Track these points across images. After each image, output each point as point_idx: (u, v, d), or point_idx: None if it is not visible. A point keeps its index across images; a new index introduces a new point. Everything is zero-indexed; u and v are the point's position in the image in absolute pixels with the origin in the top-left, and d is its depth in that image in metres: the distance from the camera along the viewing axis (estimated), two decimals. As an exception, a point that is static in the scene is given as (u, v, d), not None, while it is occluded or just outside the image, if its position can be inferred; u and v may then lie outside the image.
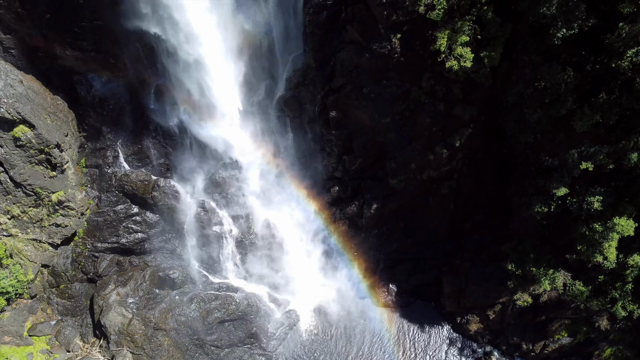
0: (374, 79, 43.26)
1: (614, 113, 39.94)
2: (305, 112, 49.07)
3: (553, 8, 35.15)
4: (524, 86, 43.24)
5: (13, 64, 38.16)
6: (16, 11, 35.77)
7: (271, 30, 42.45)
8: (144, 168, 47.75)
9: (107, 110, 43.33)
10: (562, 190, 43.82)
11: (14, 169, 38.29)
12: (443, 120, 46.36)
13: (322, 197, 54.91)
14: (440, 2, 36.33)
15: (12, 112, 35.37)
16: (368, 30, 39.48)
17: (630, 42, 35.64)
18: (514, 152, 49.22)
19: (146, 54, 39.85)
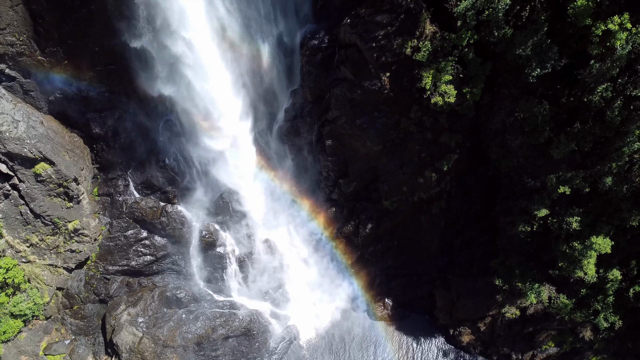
0: (366, 112, 46.54)
1: (588, 141, 43.29)
2: (303, 140, 52.31)
3: (528, 50, 38.57)
4: (505, 115, 46.63)
5: (32, 104, 41.42)
6: (37, 58, 39.12)
7: (272, 68, 45.72)
8: (153, 195, 50.88)
9: (119, 143, 46.56)
10: (542, 212, 47.16)
11: (34, 201, 41.44)
12: (431, 147, 49.65)
13: (326, 213, 57.86)
14: (425, 45, 39.77)
15: (34, 151, 38.58)
16: (360, 69, 42.84)
17: (600, 78, 39.01)
18: (499, 174, 52.52)
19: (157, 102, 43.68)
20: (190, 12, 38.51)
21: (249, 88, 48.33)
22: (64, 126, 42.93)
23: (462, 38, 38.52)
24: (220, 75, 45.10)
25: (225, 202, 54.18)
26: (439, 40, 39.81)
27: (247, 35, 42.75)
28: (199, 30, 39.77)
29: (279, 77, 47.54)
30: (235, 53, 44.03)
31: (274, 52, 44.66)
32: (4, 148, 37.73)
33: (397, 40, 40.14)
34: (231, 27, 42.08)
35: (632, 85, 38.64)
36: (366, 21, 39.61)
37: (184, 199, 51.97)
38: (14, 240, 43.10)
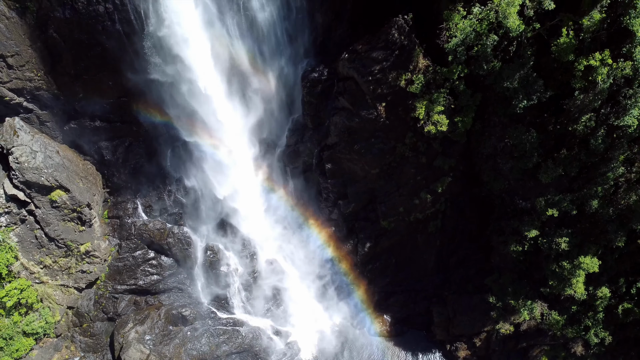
0: (363, 138, 48.96)
1: (574, 166, 45.60)
2: (304, 164, 54.70)
3: (515, 83, 41.03)
4: (496, 141, 48.98)
5: (48, 134, 43.86)
6: (54, 92, 41.64)
7: (276, 97, 48.35)
8: (160, 217, 53.16)
9: (129, 169, 48.97)
10: (533, 233, 49.35)
11: (49, 226, 43.71)
12: (426, 171, 51.99)
13: (327, 231, 60.01)
14: (419, 78, 42.28)
15: (51, 179, 40.93)
16: (357, 100, 45.33)
17: (584, 109, 41.37)
18: (491, 195, 54.78)
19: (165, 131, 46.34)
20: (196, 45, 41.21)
21: (253, 115, 50.80)
22: (77, 154, 45.35)
23: (453, 72, 40.98)
24: (225, 103, 47.60)
25: (228, 223, 56.42)
26: (431, 73, 42.30)
27: (252, 67, 45.26)
28: (206, 64, 42.31)
29: (282, 105, 50.12)
30: (240, 83, 46.55)
31: (277, 83, 47.22)
32: (23, 177, 40.08)
33: (392, 74, 42.65)
34: (238, 58, 44.63)
35: (614, 116, 40.94)
36: (363, 57, 42.13)
37: (189, 220, 54.22)
38: (28, 263, 45.29)
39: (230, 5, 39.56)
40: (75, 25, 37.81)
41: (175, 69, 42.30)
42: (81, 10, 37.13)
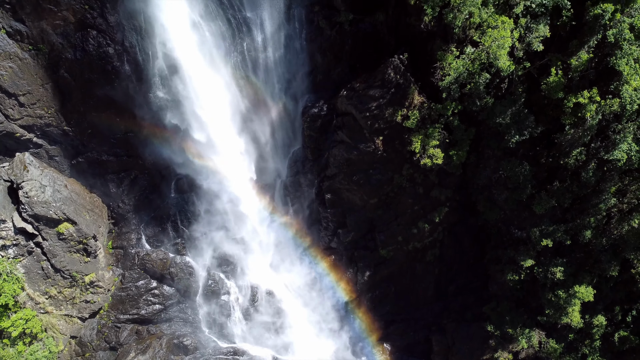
0: (362, 169, 50.36)
1: (567, 197, 46.87)
2: (304, 194, 56.01)
3: (507, 118, 42.63)
4: (490, 172, 50.38)
5: (56, 168, 45.31)
6: (63, 128, 43.26)
7: (277, 131, 50.06)
8: (163, 247, 54.20)
9: (134, 200, 50.26)
10: (528, 262, 50.35)
11: (55, 257, 44.77)
12: (423, 201, 53.25)
13: (327, 259, 60.87)
14: (414, 113, 43.90)
15: (59, 213, 42.20)
16: (355, 134, 46.90)
17: (574, 144, 42.85)
18: (488, 225, 55.91)
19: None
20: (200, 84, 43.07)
21: (255, 146, 52.36)
22: (84, 187, 46.71)
23: (447, 108, 42.60)
24: (228, 134, 49.25)
25: (230, 251, 57.41)
26: (426, 109, 43.93)
27: (255, 103, 47.05)
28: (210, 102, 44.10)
29: (283, 138, 51.68)
30: (244, 117, 48.29)
31: (278, 117, 48.96)
32: (32, 211, 41.37)
33: (389, 110, 44.29)
34: (241, 95, 46.43)
35: (604, 150, 42.44)
36: (360, 94, 43.85)
37: (191, 250, 55.23)
38: (34, 293, 46.20)
39: (234, 46, 41.44)
40: (85, 65, 39.60)
41: (181, 106, 44.02)
42: (91, 52, 38.96)
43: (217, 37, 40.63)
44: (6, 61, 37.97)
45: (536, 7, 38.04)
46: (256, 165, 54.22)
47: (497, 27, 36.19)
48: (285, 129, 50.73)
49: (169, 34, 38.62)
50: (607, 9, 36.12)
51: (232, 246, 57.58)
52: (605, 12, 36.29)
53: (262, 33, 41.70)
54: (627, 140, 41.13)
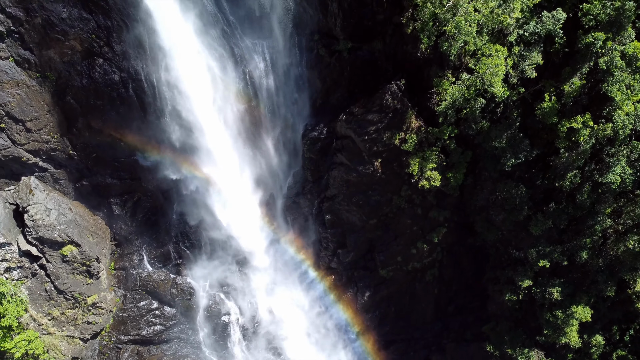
0: (361, 191, 51.23)
1: (563, 219, 47.54)
2: (304, 214, 56.76)
3: (503, 142, 43.56)
4: (487, 193, 51.17)
5: (61, 191, 46.13)
6: (68, 152, 44.23)
7: (278, 153, 51.08)
8: (164, 268, 54.80)
9: (136, 222, 51.00)
10: (526, 282, 50.89)
11: (58, 279, 45.34)
12: (421, 221, 53.99)
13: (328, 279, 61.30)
14: (412, 137, 44.86)
15: (63, 235, 42.93)
16: (354, 156, 47.86)
17: (569, 167, 43.62)
18: (486, 245, 56.55)
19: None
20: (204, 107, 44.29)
21: (257, 167, 53.28)
22: (88, 209, 47.50)
23: (443, 132, 43.58)
24: (231, 160, 50.25)
25: (231, 272, 57.95)
26: (423, 133, 44.92)
27: (257, 126, 48.14)
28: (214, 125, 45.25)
29: (283, 160, 52.67)
30: (246, 139, 49.33)
31: (279, 140, 50.04)
32: (37, 234, 42.09)
33: (387, 134, 45.30)
34: (244, 118, 47.55)
35: (598, 173, 43.21)
36: (359, 119, 44.91)
37: (192, 271, 55.80)
38: (37, 315, 46.65)
39: (237, 72, 42.61)
40: (91, 92, 40.70)
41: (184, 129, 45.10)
42: (98, 79, 40.09)
43: (220, 65, 41.79)
44: (14, 88, 39.05)
45: (529, 35, 39.20)
46: (258, 186, 55.02)
47: (492, 56, 37.26)
48: (286, 151, 51.70)
49: (174, 62, 39.79)
50: (598, 37, 37.21)
51: (233, 266, 58.18)
52: (596, 40, 37.37)
53: (264, 60, 42.95)
54: (621, 163, 41.96)
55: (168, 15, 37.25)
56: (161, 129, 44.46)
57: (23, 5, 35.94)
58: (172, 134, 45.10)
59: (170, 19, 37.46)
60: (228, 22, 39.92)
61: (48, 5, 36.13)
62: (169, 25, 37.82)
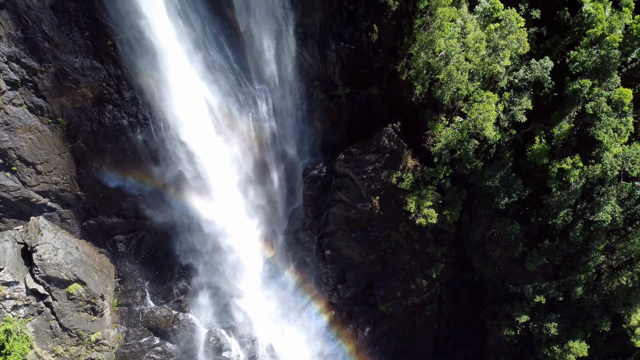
0: (360, 227, 52.45)
1: (557, 255, 48.64)
2: (305, 250, 57.85)
3: (496, 182, 45.01)
4: (484, 229, 52.39)
5: (68, 230, 47.44)
6: (76, 193, 45.75)
7: (279, 191, 52.61)
8: (167, 304, 55.58)
9: (140, 259, 52.12)
10: (523, 318, 51.64)
11: (64, 317, 46.19)
12: (420, 257, 55.06)
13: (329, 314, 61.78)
14: (408, 176, 46.39)
15: (70, 274, 44.04)
16: (353, 194, 49.29)
17: (561, 205, 44.96)
18: (483, 280, 57.49)
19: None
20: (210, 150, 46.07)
21: (259, 203, 54.68)
22: (94, 247, 48.72)
23: (439, 172, 45.09)
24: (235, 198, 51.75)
25: (231, 308, 58.69)
26: (419, 172, 46.46)
27: (259, 165, 49.84)
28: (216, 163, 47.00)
29: (284, 197, 54.15)
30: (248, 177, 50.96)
31: (280, 178, 51.63)
32: (44, 272, 43.22)
33: (384, 173, 46.85)
34: (247, 158, 49.27)
35: (590, 211, 44.55)
36: (357, 159, 46.55)
37: (194, 307, 56.56)
38: (42, 351, 47.28)
39: (240, 117, 44.48)
40: (101, 136, 42.48)
41: (191, 167, 46.87)
42: (107, 124, 41.91)
43: (225, 109, 43.73)
44: (26, 133, 40.79)
45: (519, 81, 41.14)
46: (260, 222, 56.31)
47: (483, 102, 39.06)
48: (287, 189, 53.24)
49: (181, 107, 41.68)
50: (585, 84, 39.02)
51: (235, 301, 58.90)
52: (583, 87, 39.17)
53: (266, 104, 44.93)
54: (611, 202, 43.34)
55: (176, 63, 39.32)
56: (167, 168, 46.05)
57: (38, 55, 37.95)
58: (177, 173, 46.66)
59: (178, 67, 39.54)
60: (232, 69, 41.94)
61: (61, 55, 38.14)
62: (177, 73, 39.88)
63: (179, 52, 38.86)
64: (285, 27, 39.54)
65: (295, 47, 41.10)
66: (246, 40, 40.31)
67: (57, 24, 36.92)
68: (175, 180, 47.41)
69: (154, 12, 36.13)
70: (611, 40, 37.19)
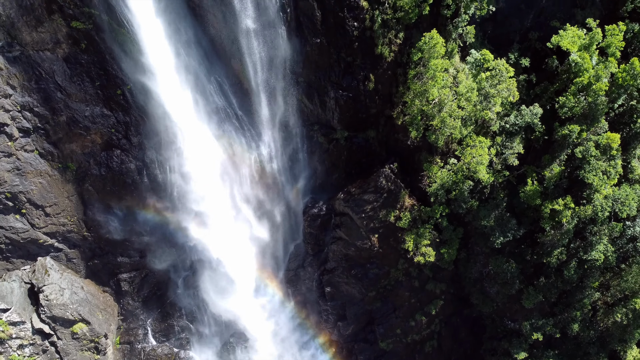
0: (359, 264, 53.48)
1: (553, 293, 49.56)
2: (305, 286, 58.66)
3: (491, 221, 46.28)
4: (481, 266, 53.41)
5: (73, 269, 48.54)
6: (83, 234, 47.07)
7: (280, 228, 53.91)
8: (168, 342, 56.09)
9: (142, 297, 52.97)
10: (521, 355, 52.17)
11: (68, 355, 46.81)
12: (419, 294, 55.86)
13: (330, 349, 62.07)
14: (406, 215, 47.71)
15: (75, 314, 44.94)
16: (352, 232, 50.54)
17: (555, 244, 46.11)
18: (482, 316, 58.14)
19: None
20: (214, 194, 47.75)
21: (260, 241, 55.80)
22: (98, 286, 49.72)
23: (435, 211, 46.45)
24: (237, 237, 52.98)
25: (233, 346, 59.12)
26: (416, 211, 47.81)
27: (261, 205, 51.31)
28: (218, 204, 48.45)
29: (285, 235, 55.34)
30: (250, 218, 52.28)
31: (281, 216, 52.95)
32: (50, 312, 44.12)
33: (382, 212, 48.22)
34: (249, 197, 50.74)
35: (583, 250, 45.74)
36: (356, 198, 48.01)
37: (196, 345, 57.07)
38: (44, 391, 47.70)
39: (243, 158, 46.18)
40: (108, 180, 44.02)
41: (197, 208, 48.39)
42: (114, 168, 43.52)
43: (229, 151, 45.46)
44: (37, 178, 42.33)
45: (510, 126, 42.87)
46: (262, 258, 57.28)
47: (475, 146, 40.70)
48: (288, 226, 54.48)
49: (186, 151, 43.44)
50: (573, 129, 40.71)
51: (237, 338, 59.36)
52: (572, 132, 40.84)
53: (269, 147, 46.66)
54: (603, 241, 44.57)
55: (182, 110, 41.21)
56: (172, 210, 47.49)
57: (50, 105, 39.79)
58: (180, 214, 48.07)
59: (183, 113, 41.42)
60: (236, 115, 43.82)
61: (73, 104, 40.01)
62: (182, 118, 41.74)
63: (185, 98, 40.71)
64: (288, 78, 41.63)
65: (297, 95, 43.06)
66: (249, 88, 42.26)
67: (69, 75, 38.84)
68: (179, 221, 48.70)
69: (161, 65, 38.19)
70: (597, 88, 39.01)
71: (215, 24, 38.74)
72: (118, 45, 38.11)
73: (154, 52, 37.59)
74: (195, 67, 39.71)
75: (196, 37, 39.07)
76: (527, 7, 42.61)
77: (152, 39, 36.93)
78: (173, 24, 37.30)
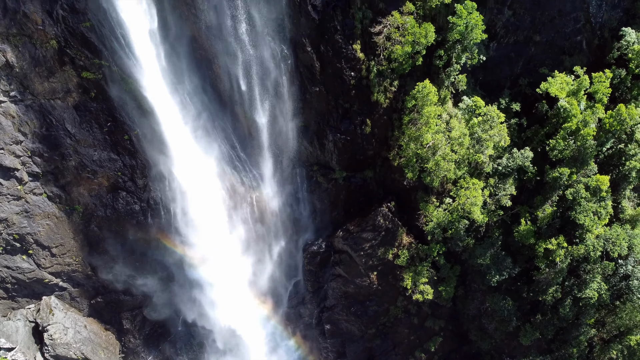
0: (359, 301, 54.20)
1: (550, 330, 50.06)
2: (305, 324, 59.21)
3: (487, 260, 47.26)
4: (479, 303, 54.06)
5: (77, 308, 49.40)
6: (87, 273, 48.12)
7: (279, 266, 54.90)
8: (169, 378, 56.61)
9: (144, 335, 53.67)
10: (521, 393, 52.31)
11: (69, 395, 47.31)
12: (418, 331, 56.36)
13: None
14: (404, 252, 48.75)
15: (78, 353, 45.65)
16: (352, 269, 51.51)
17: (550, 283, 46.93)
18: (481, 353, 58.38)
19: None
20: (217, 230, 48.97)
21: (261, 280, 56.71)
22: (101, 324, 50.52)
23: (432, 250, 47.52)
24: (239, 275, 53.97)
25: (235, 381, 59.37)
26: (414, 249, 48.87)
27: (261, 244, 52.44)
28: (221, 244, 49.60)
29: (285, 272, 56.30)
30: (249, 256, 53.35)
31: (281, 254, 54.06)
32: (54, 352, 44.86)
33: (381, 249, 49.30)
34: (250, 240, 51.94)
35: (577, 288, 46.51)
36: (355, 236, 49.18)
37: (197, 381, 57.41)
38: None
39: (244, 198, 47.58)
40: (113, 221, 45.40)
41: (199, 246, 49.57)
42: (120, 210, 44.91)
43: (231, 192, 46.89)
44: (44, 220, 43.67)
45: (503, 168, 44.31)
46: (262, 296, 58.06)
47: (469, 188, 42.05)
48: (288, 264, 55.48)
49: (190, 193, 44.89)
50: (563, 172, 42.03)
51: (238, 374, 59.70)
52: (562, 174, 42.17)
53: (269, 187, 48.13)
54: (597, 280, 45.42)
55: (187, 155, 42.89)
56: (174, 250, 48.67)
57: (59, 150, 41.42)
58: (181, 255, 49.22)
59: (188, 158, 43.07)
60: (239, 157, 45.44)
61: (81, 150, 41.64)
62: (187, 163, 43.35)
63: (190, 145, 42.41)
64: (290, 123, 43.45)
65: (297, 138, 44.76)
66: (252, 133, 43.99)
67: (79, 122, 40.61)
68: (179, 263, 49.78)
69: (165, 112, 39.99)
70: (585, 133, 40.54)
71: (219, 72, 40.71)
72: (126, 93, 39.97)
73: (159, 100, 39.48)
74: (199, 113, 41.44)
75: (202, 87, 41.01)
76: (516, 55, 44.58)
77: (157, 89, 38.83)
78: (179, 74, 39.26)
